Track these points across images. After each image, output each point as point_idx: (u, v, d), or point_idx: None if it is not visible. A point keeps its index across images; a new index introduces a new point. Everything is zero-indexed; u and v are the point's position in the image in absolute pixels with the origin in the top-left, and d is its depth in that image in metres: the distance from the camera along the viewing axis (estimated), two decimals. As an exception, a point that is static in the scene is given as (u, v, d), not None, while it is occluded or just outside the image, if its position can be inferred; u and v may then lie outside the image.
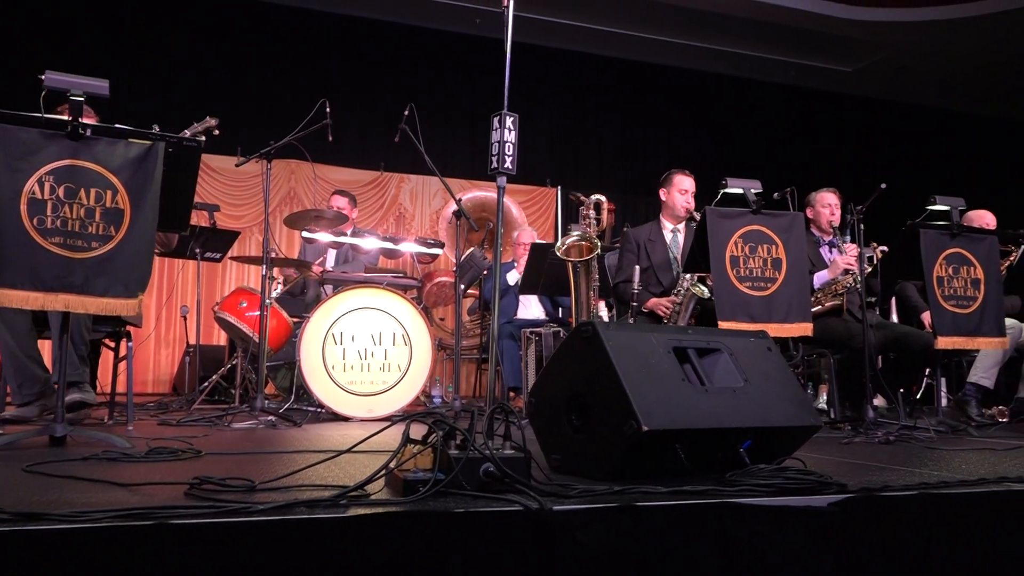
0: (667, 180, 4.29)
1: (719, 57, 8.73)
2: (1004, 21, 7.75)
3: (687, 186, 4.24)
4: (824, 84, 9.33)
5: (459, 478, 1.58)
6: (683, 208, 4.18)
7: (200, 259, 5.00)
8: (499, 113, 2.41)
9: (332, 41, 7.87)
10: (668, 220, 4.29)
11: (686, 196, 4.22)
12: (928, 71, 8.89)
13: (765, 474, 1.83)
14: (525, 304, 5.61)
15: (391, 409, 4.11)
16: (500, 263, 2.23)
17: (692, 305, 3.92)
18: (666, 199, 4.28)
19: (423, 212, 7.92)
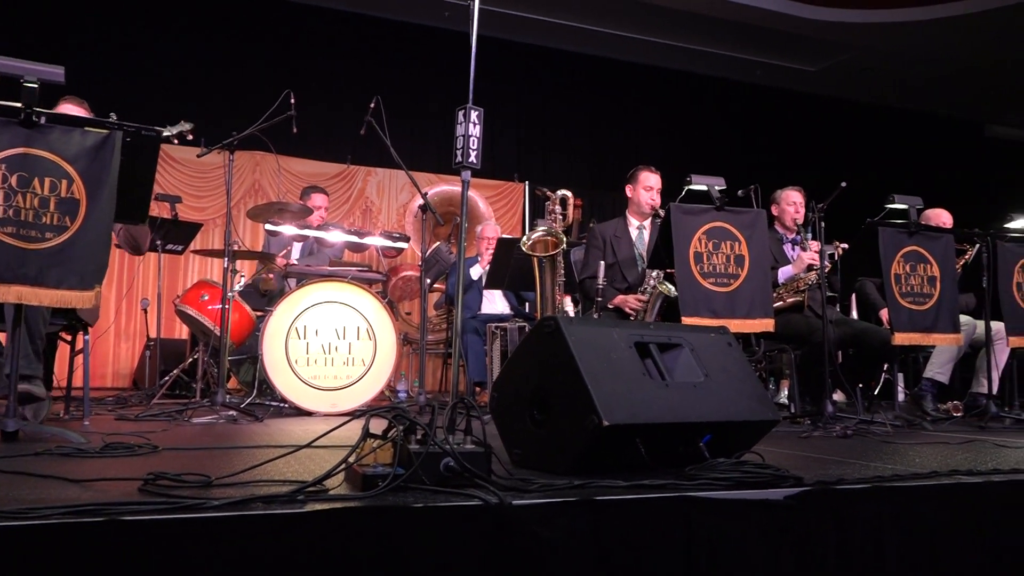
0: (633, 177, 4.30)
1: (687, 55, 8.79)
2: (963, 25, 7.91)
3: (652, 183, 4.25)
4: (789, 83, 9.45)
5: (419, 473, 1.57)
6: (648, 205, 4.20)
7: (161, 251, 4.92)
8: (464, 107, 2.39)
9: (299, 32, 7.78)
10: (634, 216, 4.31)
11: (651, 193, 4.23)
12: (889, 72, 9.04)
13: (724, 468, 1.85)
14: (490, 299, 5.60)
15: (355, 404, 4.08)
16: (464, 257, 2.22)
17: (659, 304, 3.94)
18: (632, 196, 4.30)
19: (390, 206, 7.87)
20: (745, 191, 4.37)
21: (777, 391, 5.86)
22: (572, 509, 1.53)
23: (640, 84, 9.08)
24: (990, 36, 8.09)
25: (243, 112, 4.59)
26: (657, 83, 9.14)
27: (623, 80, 9.02)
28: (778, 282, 4.12)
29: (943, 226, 4.69)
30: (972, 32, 8.03)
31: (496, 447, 2.18)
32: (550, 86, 8.76)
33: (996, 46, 8.30)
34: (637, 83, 9.07)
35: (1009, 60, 8.61)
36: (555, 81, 8.78)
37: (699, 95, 9.32)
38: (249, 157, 7.25)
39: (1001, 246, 4.06)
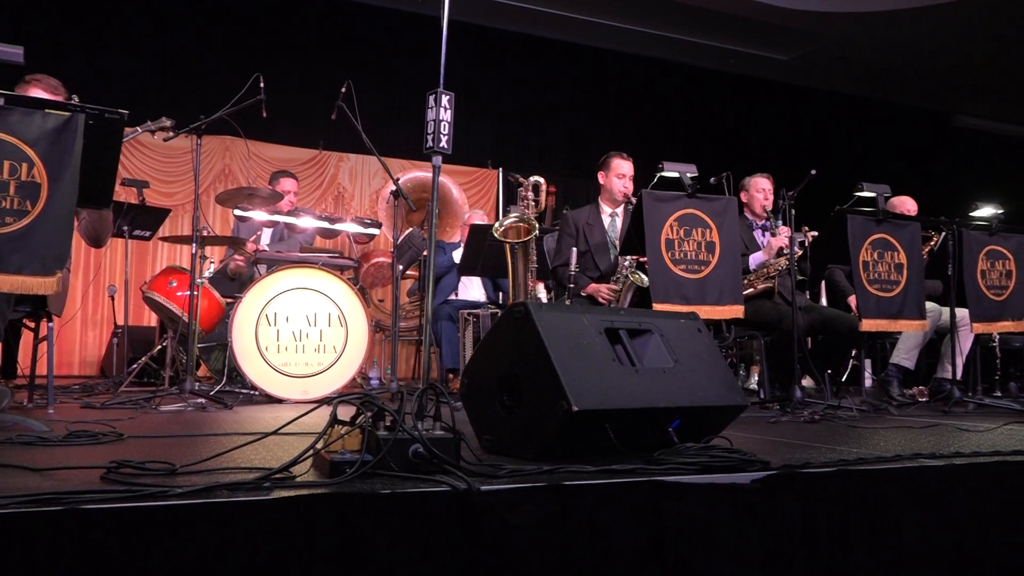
0: (605, 163, 4.29)
1: (661, 43, 8.79)
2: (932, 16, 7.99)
3: (625, 170, 4.24)
4: (761, 72, 9.50)
5: (387, 459, 1.57)
6: (620, 192, 4.20)
7: (128, 237, 4.84)
8: (435, 91, 2.37)
9: (270, 15, 7.66)
10: (606, 204, 4.31)
11: (624, 180, 4.23)
12: (860, 62, 9.12)
13: (692, 453, 1.86)
14: (467, 285, 5.58)
15: (326, 391, 4.06)
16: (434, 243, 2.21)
17: (631, 294, 3.95)
18: (604, 183, 4.29)
19: (363, 192, 7.80)
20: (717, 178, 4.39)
21: (747, 377, 5.92)
22: (540, 494, 1.54)
23: (615, 71, 9.08)
24: (958, 27, 8.18)
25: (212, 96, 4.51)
26: (632, 70, 9.14)
27: (598, 67, 9.00)
28: (749, 268, 4.15)
29: (908, 213, 4.75)
30: (941, 22, 8.11)
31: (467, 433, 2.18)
32: (525, 72, 8.72)
33: (964, 37, 8.40)
34: (612, 70, 9.06)
35: (977, 51, 8.73)
36: (530, 68, 8.75)
37: (673, 83, 9.34)
38: (219, 142, 7.14)
39: (966, 234, 4.12)
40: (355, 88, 4.02)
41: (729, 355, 5.70)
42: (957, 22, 8.08)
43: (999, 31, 8.22)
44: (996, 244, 4.19)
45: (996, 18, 7.96)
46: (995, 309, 4.15)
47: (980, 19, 8.01)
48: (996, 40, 8.43)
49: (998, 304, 4.16)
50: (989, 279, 4.15)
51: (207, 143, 6.93)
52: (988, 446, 2.33)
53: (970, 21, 8.06)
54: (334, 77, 4.27)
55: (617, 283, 3.99)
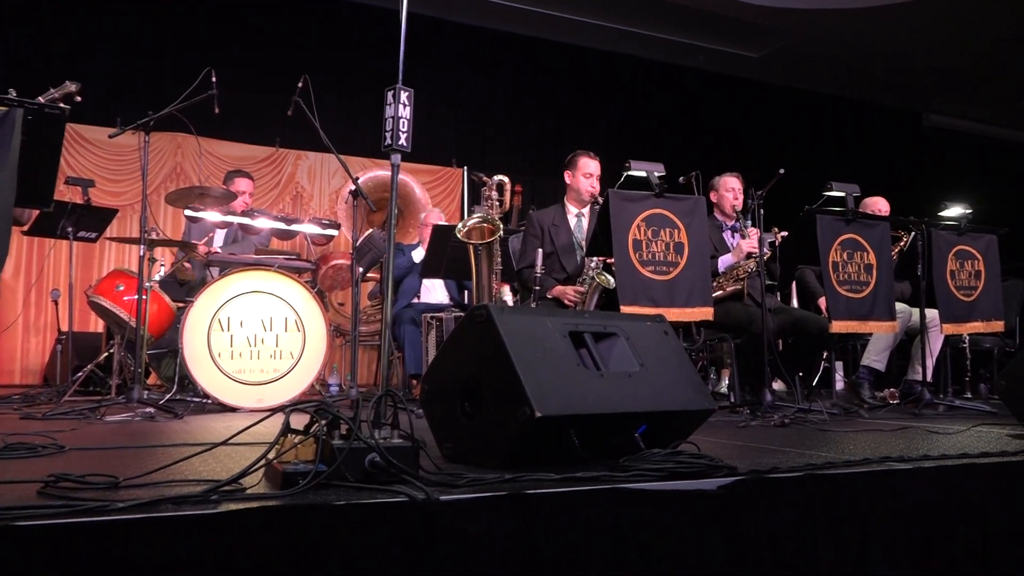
0: (572, 162, 4.29)
1: (629, 38, 8.86)
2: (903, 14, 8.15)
3: (592, 169, 4.26)
4: (731, 69, 9.61)
5: (342, 469, 1.55)
6: (588, 192, 4.21)
7: (73, 239, 4.74)
8: (393, 87, 2.36)
9: (224, 7, 7.57)
10: (573, 204, 4.32)
11: (591, 180, 4.24)
12: (830, 60, 9.27)
13: (658, 459, 1.87)
14: (430, 288, 5.57)
15: (283, 399, 4.03)
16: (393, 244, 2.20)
17: (597, 296, 3.97)
18: (571, 182, 4.30)
19: (322, 191, 7.75)
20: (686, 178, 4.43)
21: (718, 380, 5.99)
22: (501, 504, 1.53)
23: (582, 68, 9.12)
24: (928, 25, 8.36)
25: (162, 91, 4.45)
26: (598, 67, 9.19)
27: (565, 63, 9.04)
28: (718, 271, 4.19)
29: (880, 214, 4.84)
30: (910, 21, 8.28)
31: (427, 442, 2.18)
32: (490, 68, 8.73)
33: (934, 35, 8.58)
34: (579, 66, 9.10)
35: (947, 50, 8.92)
36: (495, 63, 8.75)
37: (641, 80, 9.41)
38: (169, 139, 7.05)
39: (935, 234, 4.21)
40: (313, 83, 4.00)
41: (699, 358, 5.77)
42: (927, 20, 8.25)
43: (969, 29, 8.41)
44: (965, 244, 4.29)
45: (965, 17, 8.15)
46: (964, 310, 4.24)
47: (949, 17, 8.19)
48: (966, 38, 8.63)
49: (967, 304, 4.25)
50: (958, 279, 4.24)
51: (157, 140, 6.84)
52: (956, 449, 2.37)
53: (940, 19, 8.23)
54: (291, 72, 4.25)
55: (583, 285, 4.00)
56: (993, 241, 4.40)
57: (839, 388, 5.30)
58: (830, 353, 4.71)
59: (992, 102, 10.45)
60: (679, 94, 9.58)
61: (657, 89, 9.48)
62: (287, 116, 4.13)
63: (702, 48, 9.10)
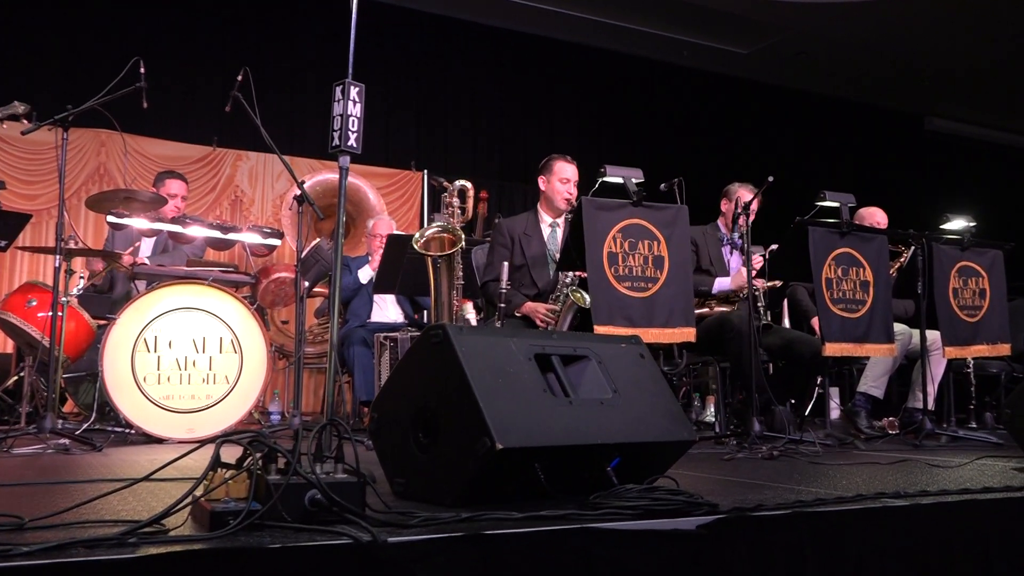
0: (547, 167, 4.29)
1: (606, 31, 8.94)
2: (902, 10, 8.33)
3: (569, 174, 4.25)
4: (718, 66, 9.74)
5: (278, 508, 1.55)
6: (563, 200, 4.20)
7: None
8: (342, 82, 2.36)
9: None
10: (546, 212, 4.31)
11: (568, 186, 4.23)
12: (824, 58, 9.43)
13: (632, 495, 1.89)
14: (381, 305, 5.56)
15: (217, 428, 4.00)
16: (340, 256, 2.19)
17: (572, 315, 3.95)
18: (544, 188, 4.29)
19: (264, 196, 7.70)
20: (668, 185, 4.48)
21: (703, 408, 6.03)
22: (457, 546, 1.53)
23: (555, 63, 9.18)
24: (932, 22, 8.54)
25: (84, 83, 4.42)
26: (573, 63, 9.26)
27: (536, 58, 9.10)
28: (711, 292, 4.22)
29: (877, 226, 4.92)
30: (913, 17, 8.46)
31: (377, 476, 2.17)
32: (454, 63, 8.76)
33: (938, 33, 8.77)
34: (551, 62, 9.16)
35: (951, 49, 9.12)
36: (460, 57, 8.79)
37: (619, 77, 9.50)
38: (92, 136, 6.96)
39: (937, 248, 4.29)
40: (256, 76, 4.00)
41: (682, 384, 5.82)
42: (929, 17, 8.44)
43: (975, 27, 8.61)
44: (969, 260, 4.38)
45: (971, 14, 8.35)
46: (968, 331, 4.33)
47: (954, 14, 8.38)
48: (972, 37, 8.83)
49: (971, 326, 4.34)
50: (961, 298, 4.33)
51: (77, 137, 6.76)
52: (957, 483, 2.41)
53: (944, 16, 8.42)
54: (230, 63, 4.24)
55: (557, 302, 3.99)
56: (999, 257, 4.49)
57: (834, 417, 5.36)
58: (824, 378, 4.77)
59: (999, 105, 10.70)
60: (660, 93, 9.68)
61: (636, 88, 9.58)
62: (225, 112, 4.11)
63: (686, 43, 9.22)
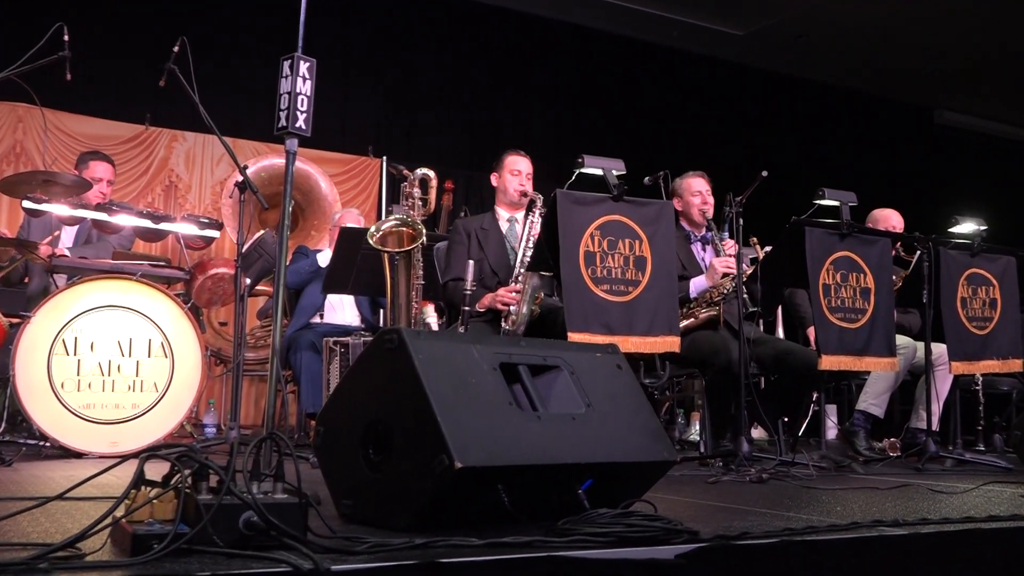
0: (497, 164, 4.52)
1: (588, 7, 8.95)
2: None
3: (521, 167, 4.45)
4: (711, 49, 9.79)
5: (209, 531, 1.54)
6: (516, 191, 4.38)
7: None
8: (291, 56, 2.36)
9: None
10: (503, 208, 4.49)
11: (520, 177, 4.42)
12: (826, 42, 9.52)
13: (605, 520, 1.90)
14: (336, 306, 5.54)
15: (144, 442, 3.95)
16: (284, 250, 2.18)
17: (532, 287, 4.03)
18: (498, 184, 4.50)
19: (203, 181, 7.63)
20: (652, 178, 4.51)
21: (687, 425, 6.07)
22: (409, 575, 1.53)
23: (532, 41, 9.18)
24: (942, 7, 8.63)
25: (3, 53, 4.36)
26: (553, 41, 9.27)
27: (512, 35, 9.10)
28: (689, 296, 4.26)
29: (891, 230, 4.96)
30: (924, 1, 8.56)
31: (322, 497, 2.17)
32: (420, 38, 8.74)
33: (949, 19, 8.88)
34: (528, 39, 9.16)
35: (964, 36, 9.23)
36: (427, 32, 8.77)
37: (603, 59, 9.53)
38: (9, 111, 6.88)
39: (944, 254, 4.35)
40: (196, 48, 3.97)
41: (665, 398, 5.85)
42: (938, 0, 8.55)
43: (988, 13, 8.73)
44: (979, 267, 4.45)
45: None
46: (977, 345, 4.39)
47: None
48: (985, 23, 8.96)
49: (980, 339, 4.40)
50: (971, 309, 4.39)
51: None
52: (961, 511, 2.45)
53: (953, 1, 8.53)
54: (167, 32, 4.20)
55: (517, 282, 4.09)
56: (1012, 264, 4.57)
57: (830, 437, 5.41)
58: (820, 394, 4.82)
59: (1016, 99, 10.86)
60: (647, 77, 9.72)
61: (621, 71, 9.61)
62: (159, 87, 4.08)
63: (676, 22, 9.27)
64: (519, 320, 4.01)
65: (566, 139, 8.74)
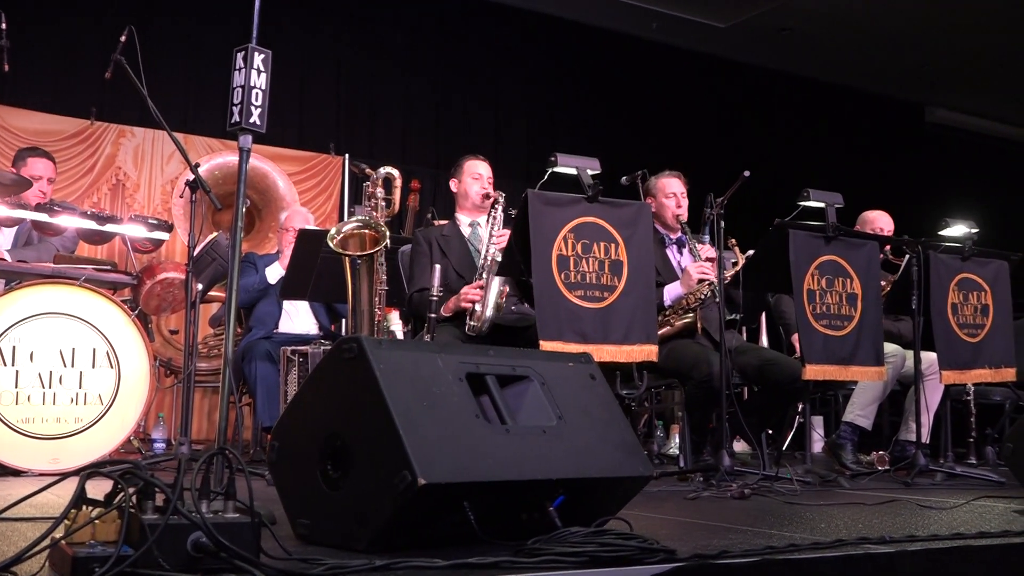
0: (456, 169, 4.57)
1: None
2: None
3: (481, 170, 4.49)
4: (691, 42, 9.84)
5: (154, 553, 1.54)
6: (479, 194, 4.42)
7: None
8: (244, 47, 2.36)
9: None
10: (464, 214, 4.53)
11: (481, 180, 4.46)
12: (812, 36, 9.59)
13: (577, 540, 1.90)
14: (291, 313, 5.52)
15: (87, 458, 3.91)
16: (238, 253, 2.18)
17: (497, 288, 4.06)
18: (457, 190, 4.55)
19: (152, 180, 7.57)
20: (630, 178, 4.53)
21: (666, 438, 6.09)
22: (368, 599, 1.53)
23: (504, 33, 9.18)
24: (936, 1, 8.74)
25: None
26: (525, 32, 9.28)
27: (482, 26, 9.09)
28: (664, 304, 4.28)
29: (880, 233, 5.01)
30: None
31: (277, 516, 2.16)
32: (384, 29, 8.72)
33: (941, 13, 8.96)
34: (500, 31, 9.17)
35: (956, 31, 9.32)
36: (391, 23, 8.75)
37: (578, 52, 9.54)
38: (-56, 104, 6.80)
39: (935, 258, 4.39)
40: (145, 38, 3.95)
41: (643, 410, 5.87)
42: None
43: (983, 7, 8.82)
44: (970, 272, 4.50)
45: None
46: (969, 353, 4.44)
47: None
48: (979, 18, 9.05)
49: (972, 347, 4.45)
50: (962, 315, 4.44)
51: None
52: (950, 528, 2.48)
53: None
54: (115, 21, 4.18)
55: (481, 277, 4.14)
56: (1004, 268, 4.62)
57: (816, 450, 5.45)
58: (805, 406, 4.85)
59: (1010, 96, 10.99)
60: (625, 71, 9.75)
61: (597, 65, 9.63)
62: (105, 79, 4.06)
63: (655, 13, 9.31)
64: (483, 320, 4.02)
65: (538, 136, 8.75)
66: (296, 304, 5.40)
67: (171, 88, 7.16)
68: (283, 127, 7.80)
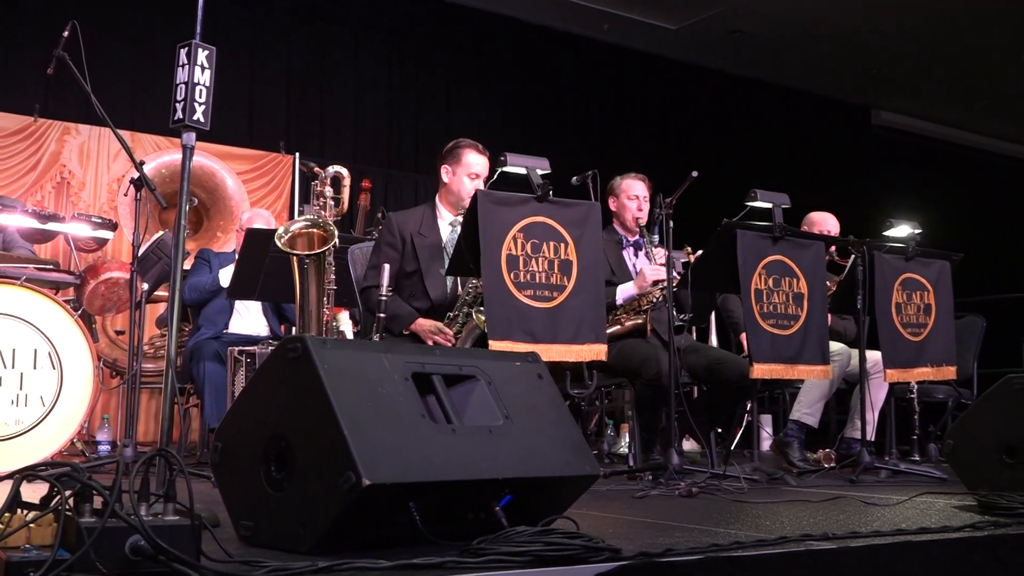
0: (453, 155, 4.12)
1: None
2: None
3: (480, 169, 4.09)
4: (641, 43, 9.90)
5: (91, 557, 1.52)
6: (470, 196, 3.87)
7: None
8: (188, 43, 2.34)
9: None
10: (447, 208, 4.15)
11: (476, 182, 4.06)
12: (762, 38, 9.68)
13: (523, 539, 1.90)
14: (242, 313, 5.47)
15: (28, 461, 3.75)
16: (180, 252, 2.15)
17: (472, 340, 3.86)
18: (449, 181, 4.11)
19: (98, 178, 7.46)
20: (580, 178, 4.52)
21: (616, 437, 6.12)
22: (310, 601, 1.52)
23: (454, 32, 9.17)
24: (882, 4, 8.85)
25: None
26: (476, 32, 9.27)
27: (433, 25, 9.07)
28: (616, 303, 4.30)
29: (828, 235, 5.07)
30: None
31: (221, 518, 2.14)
32: (334, 27, 8.67)
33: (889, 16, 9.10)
34: (450, 30, 9.15)
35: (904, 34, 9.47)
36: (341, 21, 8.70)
37: (529, 52, 9.55)
38: None
39: (879, 258, 4.46)
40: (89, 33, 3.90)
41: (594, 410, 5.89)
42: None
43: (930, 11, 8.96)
44: (913, 271, 4.57)
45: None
46: (912, 352, 4.51)
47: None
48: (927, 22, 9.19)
49: (915, 346, 4.52)
50: (905, 315, 4.51)
51: None
52: (892, 524, 2.52)
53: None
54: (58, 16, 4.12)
55: (455, 323, 3.88)
56: (946, 268, 4.70)
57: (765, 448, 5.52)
58: (753, 404, 4.90)
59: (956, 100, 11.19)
60: (576, 72, 9.78)
61: (549, 65, 9.65)
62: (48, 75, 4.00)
63: (606, 14, 9.34)
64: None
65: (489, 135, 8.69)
66: (248, 303, 5.36)
67: (118, 85, 7.07)
68: (233, 125, 7.72)
